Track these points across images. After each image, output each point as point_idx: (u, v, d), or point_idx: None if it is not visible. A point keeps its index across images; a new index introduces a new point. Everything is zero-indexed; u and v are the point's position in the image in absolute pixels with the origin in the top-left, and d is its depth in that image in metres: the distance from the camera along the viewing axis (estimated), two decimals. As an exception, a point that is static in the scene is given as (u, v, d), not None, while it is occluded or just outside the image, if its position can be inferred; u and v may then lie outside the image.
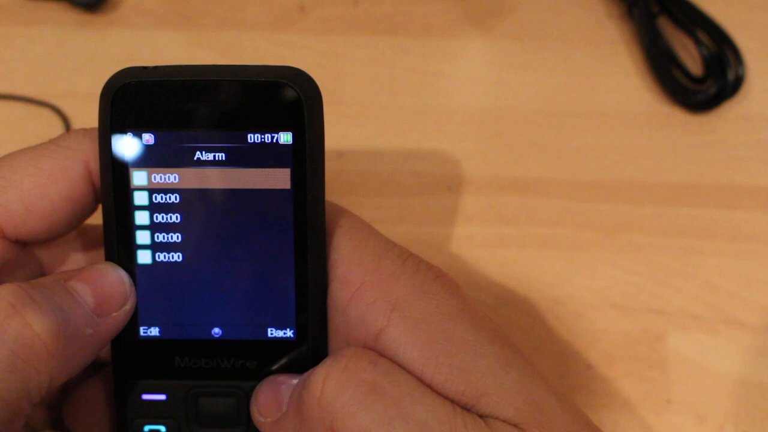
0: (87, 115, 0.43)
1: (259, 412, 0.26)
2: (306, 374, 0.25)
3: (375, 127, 0.43)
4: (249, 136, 0.26)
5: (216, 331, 0.27)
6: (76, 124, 0.43)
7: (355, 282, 0.26)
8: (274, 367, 0.27)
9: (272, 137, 0.26)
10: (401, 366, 0.24)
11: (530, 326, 0.39)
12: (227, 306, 0.27)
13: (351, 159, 0.43)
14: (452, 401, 0.24)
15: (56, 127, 0.43)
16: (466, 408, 0.24)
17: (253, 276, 0.27)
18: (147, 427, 0.27)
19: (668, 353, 0.38)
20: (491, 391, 0.24)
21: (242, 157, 0.26)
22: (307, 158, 0.26)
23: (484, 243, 0.41)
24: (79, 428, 0.29)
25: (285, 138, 0.26)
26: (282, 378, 0.27)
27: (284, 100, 0.26)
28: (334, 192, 0.31)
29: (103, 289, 0.25)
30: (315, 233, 0.26)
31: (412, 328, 0.25)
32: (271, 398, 0.26)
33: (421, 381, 0.24)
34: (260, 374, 0.27)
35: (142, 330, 0.27)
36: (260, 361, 0.27)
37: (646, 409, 0.37)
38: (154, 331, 0.27)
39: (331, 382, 0.24)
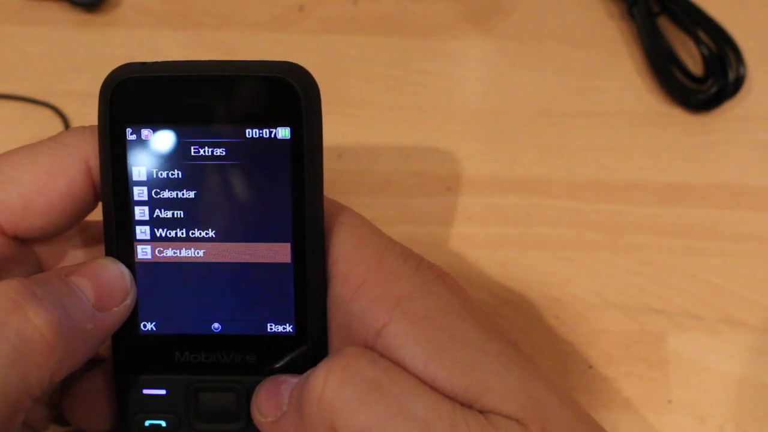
0: (86, 114, 0.43)
1: (259, 412, 0.26)
2: (306, 373, 0.25)
3: (375, 127, 0.43)
4: (247, 131, 0.26)
5: (216, 326, 0.27)
6: (76, 123, 0.43)
7: (357, 279, 0.26)
8: (274, 362, 0.27)
9: (270, 132, 0.26)
10: (404, 362, 0.25)
11: (530, 326, 0.39)
12: (227, 301, 0.27)
13: (351, 159, 0.43)
14: (454, 398, 0.24)
15: (56, 127, 0.43)
16: (467, 404, 0.24)
17: (253, 271, 0.27)
18: (147, 422, 0.27)
19: (669, 353, 0.38)
20: (494, 387, 0.24)
21: (241, 152, 0.26)
22: (305, 153, 0.26)
23: (484, 243, 0.41)
24: (78, 420, 0.29)
25: (283, 133, 0.26)
26: (282, 377, 0.27)
27: (282, 95, 0.26)
28: (333, 192, 0.31)
29: (103, 284, 0.25)
30: (313, 228, 0.26)
31: (415, 325, 0.25)
32: (271, 397, 0.26)
33: (424, 377, 0.24)
34: (260, 369, 0.27)
35: (142, 325, 0.27)
36: (260, 355, 0.27)
37: (647, 409, 0.37)
38: (154, 326, 0.27)
39: (332, 380, 0.24)
